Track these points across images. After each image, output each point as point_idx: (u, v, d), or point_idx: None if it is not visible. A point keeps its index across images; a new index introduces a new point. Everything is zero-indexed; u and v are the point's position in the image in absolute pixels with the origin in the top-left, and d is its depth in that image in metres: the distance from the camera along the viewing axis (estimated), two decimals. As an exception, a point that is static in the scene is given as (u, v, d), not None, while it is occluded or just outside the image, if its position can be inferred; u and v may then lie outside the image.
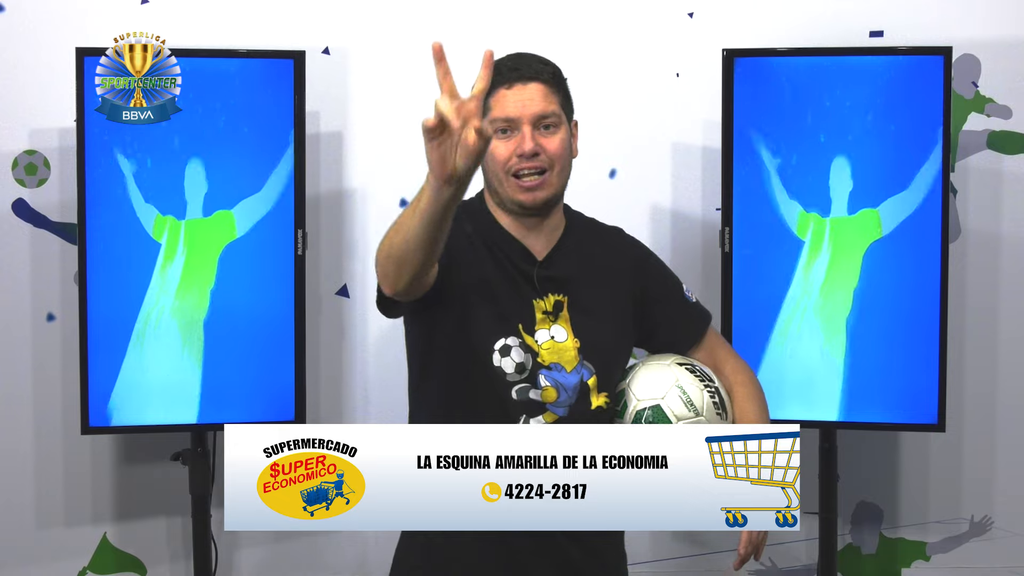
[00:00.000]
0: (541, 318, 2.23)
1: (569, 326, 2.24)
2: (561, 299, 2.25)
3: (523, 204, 2.22)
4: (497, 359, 2.20)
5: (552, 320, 2.24)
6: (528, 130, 2.19)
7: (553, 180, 2.22)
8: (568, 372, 2.22)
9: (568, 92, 2.29)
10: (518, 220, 2.26)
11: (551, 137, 2.21)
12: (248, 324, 3.11)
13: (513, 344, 2.21)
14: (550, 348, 2.22)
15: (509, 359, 2.20)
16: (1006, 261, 3.49)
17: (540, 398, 2.20)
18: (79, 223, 3.05)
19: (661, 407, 2.19)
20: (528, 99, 2.20)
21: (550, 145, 2.21)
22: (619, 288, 2.32)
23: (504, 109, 2.20)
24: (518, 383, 2.20)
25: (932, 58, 3.08)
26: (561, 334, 2.24)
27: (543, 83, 2.22)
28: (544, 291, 2.25)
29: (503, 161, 2.20)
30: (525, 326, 2.22)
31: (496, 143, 2.20)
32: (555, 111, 2.22)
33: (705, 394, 2.21)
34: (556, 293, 2.25)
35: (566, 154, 2.24)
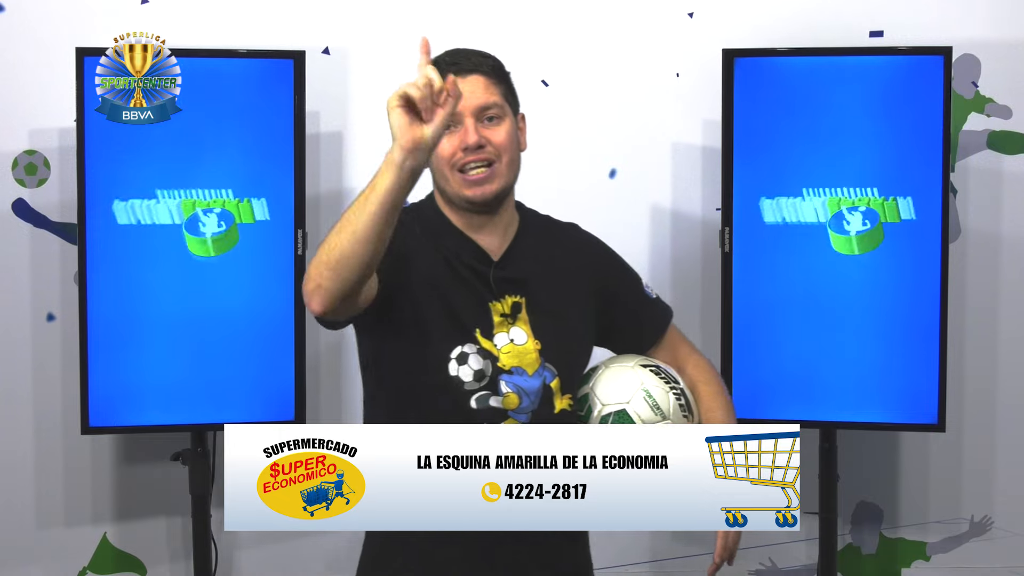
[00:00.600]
0: (499, 321, 2.16)
1: (529, 328, 2.17)
2: (519, 300, 2.18)
3: (471, 199, 2.14)
4: (454, 368, 2.12)
5: (511, 323, 2.16)
6: (471, 122, 2.12)
7: (502, 171, 2.14)
8: (530, 376, 2.15)
9: (511, 85, 2.22)
10: (469, 218, 2.18)
11: (496, 128, 2.14)
12: (248, 324, 3.11)
13: (471, 351, 2.13)
14: (510, 352, 2.15)
15: (467, 367, 2.12)
16: (1006, 261, 3.49)
17: (501, 405, 2.13)
18: (79, 223, 3.05)
19: (627, 411, 2.15)
20: (469, 91, 2.11)
21: (495, 136, 2.14)
22: (578, 287, 2.25)
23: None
24: (477, 391, 2.12)
25: (932, 58, 3.08)
26: (521, 336, 2.17)
27: (483, 75, 2.16)
28: (501, 293, 2.17)
29: (448, 157, 2.12)
30: (483, 330, 2.15)
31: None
32: (497, 102, 2.15)
33: (671, 396, 2.17)
34: (513, 294, 2.18)
35: (513, 146, 2.17)
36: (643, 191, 3.46)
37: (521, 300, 2.18)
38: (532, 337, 2.17)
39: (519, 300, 2.18)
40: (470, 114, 2.12)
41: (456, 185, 2.14)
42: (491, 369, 2.13)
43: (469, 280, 2.16)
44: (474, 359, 2.13)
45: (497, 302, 2.17)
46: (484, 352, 2.14)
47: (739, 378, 3.17)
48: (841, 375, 3.15)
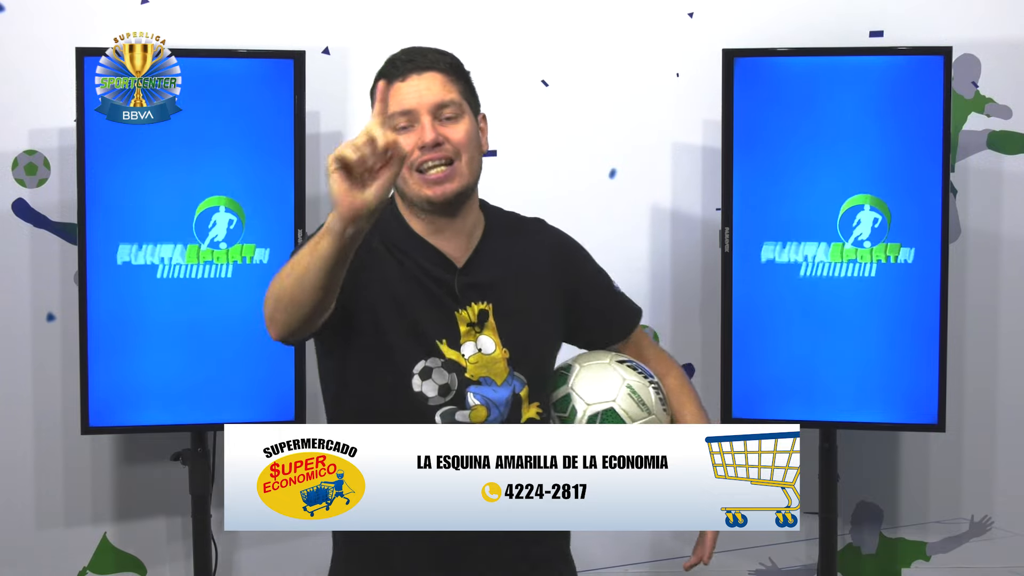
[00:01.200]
0: (466, 331, 2.09)
1: (496, 336, 2.11)
2: (486, 308, 2.11)
3: (431, 200, 2.06)
4: (417, 383, 2.06)
5: (478, 331, 2.09)
6: (428, 120, 2.05)
7: (462, 170, 2.06)
8: (499, 385, 2.10)
9: (471, 83, 2.15)
10: (431, 221, 2.10)
11: (453, 126, 2.07)
12: (248, 324, 3.11)
13: (434, 365, 2.07)
14: (478, 361, 2.09)
15: (431, 382, 2.06)
16: (1006, 261, 3.49)
17: (468, 419, 2.07)
18: (79, 223, 3.05)
19: (614, 409, 2.13)
20: (425, 88, 2.06)
21: (453, 134, 2.06)
22: (544, 286, 2.18)
23: (400, 102, 2.06)
24: (442, 406, 2.07)
25: (932, 58, 3.08)
26: (489, 345, 2.10)
27: (440, 72, 2.09)
28: (467, 300, 2.10)
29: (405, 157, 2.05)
30: (449, 341, 2.08)
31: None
32: (455, 99, 2.08)
33: (651, 391, 2.17)
34: (480, 301, 2.11)
35: (473, 144, 2.09)
36: (643, 191, 3.46)
37: (488, 307, 2.11)
38: (500, 345, 2.11)
39: (486, 307, 2.11)
40: (426, 112, 2.06)
41: (415, 186, 2.06)
42: (457, 382, 2.07)
43: (432, 290, 2.09)
44: (438, 373, 2.07)
45: (463, 311, 2.10)
46: (450, 364, 2.07)
47: (739, 378, 3.17)
48: (841, 375, 3.15)
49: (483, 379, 2.09)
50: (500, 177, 3.35)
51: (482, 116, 2.18)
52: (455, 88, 2.10)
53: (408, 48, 2.14)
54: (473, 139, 2.10)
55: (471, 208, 2.15)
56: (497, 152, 3.40)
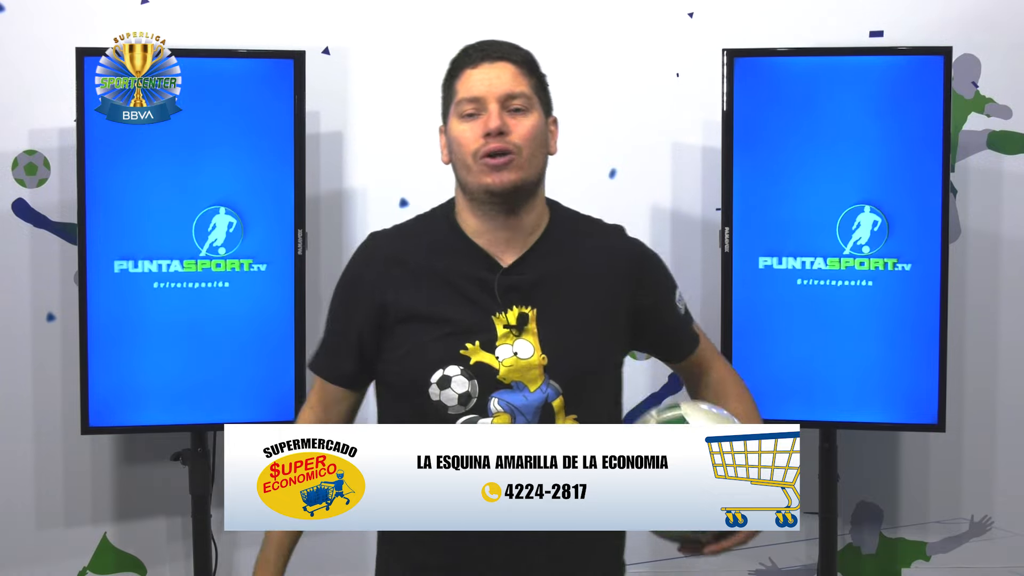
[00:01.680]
0: (503, 333, 2.03)
1: (536, 340, 2.04)
2: (527, 311, 2.05)
3: (490, 188, 2.01)
4: (435, 393, 2.02)
5: (516, 335, 2.03)
6: (495, 107, 2.02)
7: (522, 163, 2.03)
8: (532, 391, 2.03)
9: (544, 82, 2.13)
10: (489, 218, 2.06)
11: (520, 119, 2.04)
12: (248, 324, 3.11)
13: (453, 374, 2.02)
14: (512, 365, 2.03)
15: (449, 391, 2.02)
16: (1006, 261, 3.49)
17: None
18: (79, 223, 3.05)
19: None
20: (495, 77, 2.03)
21: (518, 127, 2.03)
22: (604, 295, 2.10)
23: (469, 89, 2.04)
24: (462, 415, 2.02)
25: (932, 58, 3.08)
26: (526, 350, 2.04)
27: (513, 63, 2.06)
28: (507, 303, 2.05)
29: (469, 145, 2.02)
30: (483, 343, 2.03)
31: (462, 127, 2.04)
32: (525, 92, 2.05)
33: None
34: (522, 304, 2.05)
35: (538, 140, 2.06)
36: (643, 191, 3.46)
37: (529, 311, 2.05)
38: (539, 351, 2.04)
39: (527, 311, 2.05)
40: (494, 100, 2.03)
41: (477, 174, 2.02)
42: (479, 390, 2.03)
43: (469, 292, 2.06)
44: (458, 382, 2.02)
45: (501, 313, 2.05)
46: (474, 369, 2.03)
47: (739, 378, 3.17)
48: (841, 375, 3.15)
49: (515, 383, 2.04)
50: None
51: (553, 119, 2.15)
52: (526, 82, 2.07)
53: (484, 39, 2.11)
54: (539, 135, 2.07)
55: (533, 207, 2.10)
56: (497, 152, 3.40)
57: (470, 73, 2.05)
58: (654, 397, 3.49)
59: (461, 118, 2.05)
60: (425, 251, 2.10)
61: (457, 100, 2.05)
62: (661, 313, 2.19)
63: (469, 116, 2.04)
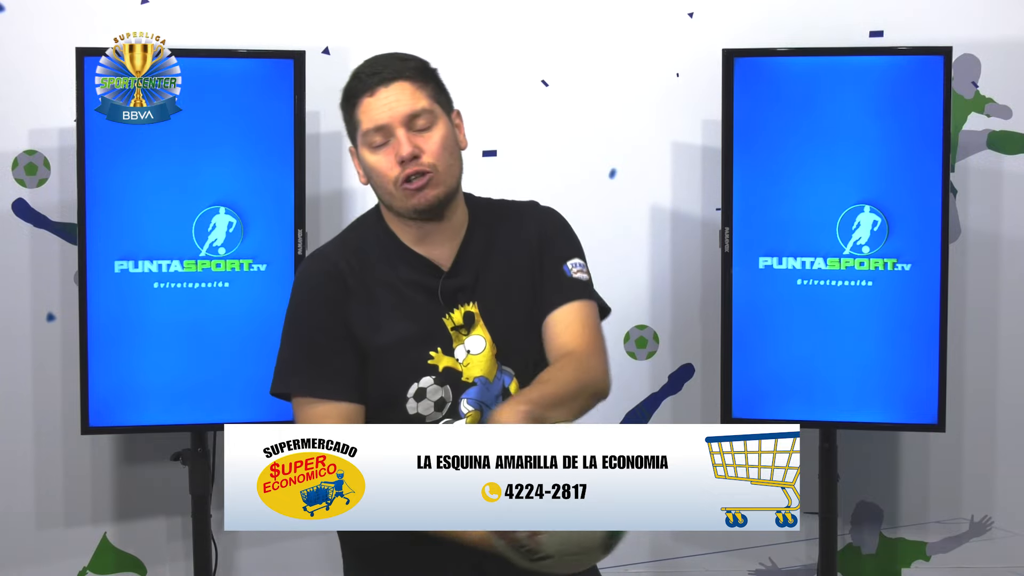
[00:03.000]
0: (454, 335, 2.08)
1: (486, 332, 2.09)
2: (471, 309, 2.09)
3: (416, 208, 2.05)
4: (413, 406, 2.07)
5: (465, 333, 2.08)
6: (402, 133, 2.03)
7: (440, 179, 2.05)
8: (491, 382, 2.08)
9: (440, 82, 2.11)
10: (419, 228, 2.09)
11: (428, 136, 2.05)
12: (248, 324, 3.11)
13: (427, 384, 2.07)
14: (470, 363, 2.08)
15: (426, 401, 2.07)
16: (1006, 261, 3.49)
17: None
18: (79, 223, 3.05)
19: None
20: (394, 100, 2.04)
21: (428, 144, 2.04)
22: (524, 271, 2.13)
23: (372, 118, 2.05)
24: (440, 420, 2.07)
25: (932, 58, 3.08)
26: (478, 344, 2.08)
27: (407, 80, 2.06)
28: (453, 304, 2.09)
29: (388, 174, 2.05)
30: (444, 348, 2.08)
31: (376, 158, 2.05)
32: (426, 107, 2.05)
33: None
34: (465, 302, 2.10)
35: (449, 149, 2.07)
36: (643, 191, 3.46)
37: (473, 307, 2.10)
38: (490, 342, 2.09)
39: (470, 308, 2.10)
40: (399, 124, 2.04)
41: (402, 199, 2.06)
42: (451, 392, 2.07)
43: (419, 301, 2.09)
44: (432, 390, 2.07)
45: (449, 315, 2.09)
46: (445, 375, 2.07)
47: (739, 378, 3.17)
48: (841, 375, 3.15)
49: (477, 379, 2.08)
50: (500, 177, 3.36)
51: (456, 112, 2.15)
52: (424, 94, 2.07)
53: (371, 59, 2.10)
54: (449, 143, 2.08)
55: (456, 208, 2.13)
56: (497, 152, 3.40)
57: (368, 102, 2.06)
58: (654, 397, 3.49)
59: (372, 149, 2.06)
60: (372, 263, 2.12)
61: (363, 131, 2.06)
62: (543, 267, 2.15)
63: (379, 146, 2.05)
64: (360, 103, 2.06)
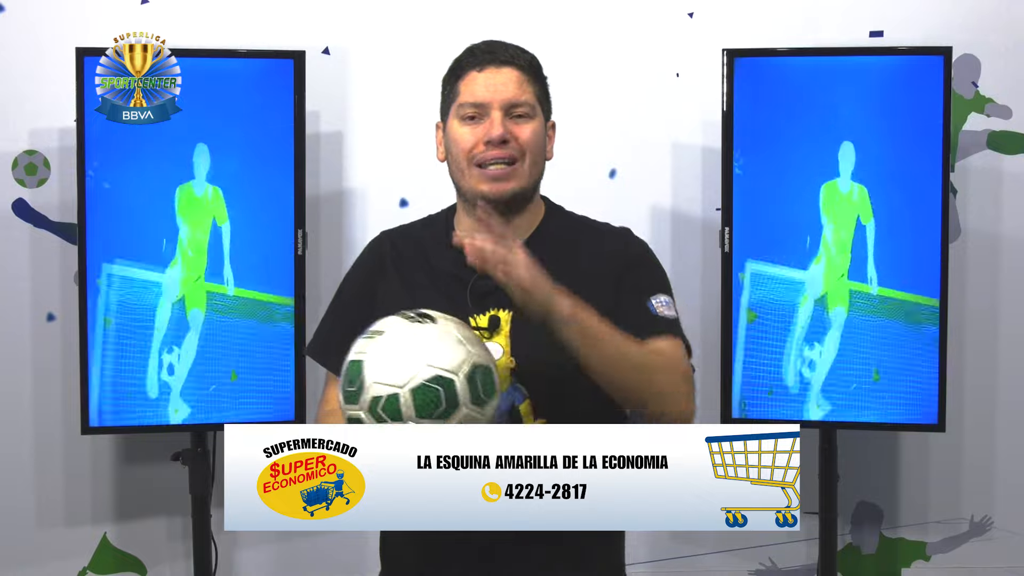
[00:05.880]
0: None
1: (507, 343, 2.01)
2: (499, 314, 2.02)
3: (486, 196, 1.99)
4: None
5: (487, 337, 2.00)
6: (498, 115, 2.00)
7: (523, 171, 2.01)
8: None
9: (546, 87, 2.12)
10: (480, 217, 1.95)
11: (523, 126, 2.02)
12: (248, 324, 3.11)
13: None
14: None
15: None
16: (1006, 261, 3.49)
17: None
18: (79, 223, 3.05)
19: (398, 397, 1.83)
20: (501, 83, 2.01)
21: (522, 133, 2.02)
22: (591, 296, 1.93)
23: (473, 93, 2.02)
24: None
25: (932, 58, 3.08)
26: (495, 352, 1.99)
27: (518, 69, 2.04)
28: (482, 306, 2.01)
29: (468, 149, 2.00)
30: None
31: (461, 129, 2.02)
32: (529, 100, 2.03)
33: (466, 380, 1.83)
34: (497, 307, 2.02)
35: (538, 147, 2.05)
36: (643, 191, 3.46)
37: (503, 313, 2.02)
38: (508, 354, 2.01)
39: (500, 313, 2.02)
40: (498, 107, 2.01)
41: (473, 181, 2.01)
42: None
43: (450, 295, 2.03)
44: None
45: (476, 316, 2.02)
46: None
47: (739, 378, 3.17)
48: (841, 375, 3.15)
49: None
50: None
51: (551, 124, 2.13)
52: (531, 89, 2.06)
53: (489, 40, 2.09)
54: (539, 142, 2.06)
55: (528, 210, 2.09)
56: (497, 152, 3.40)
57: (475, 76, 2.04)
58: (654, 397, 3.49)
59: (462, 120, 2.04)
60: (419, 252, 2.11)
61: (460, 102, 2.04)
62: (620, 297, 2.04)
63: (470, 119, 2.03)
64: (466, 75, 2.04)
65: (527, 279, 1.83)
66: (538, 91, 2.08)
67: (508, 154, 2.01)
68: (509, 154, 2.01)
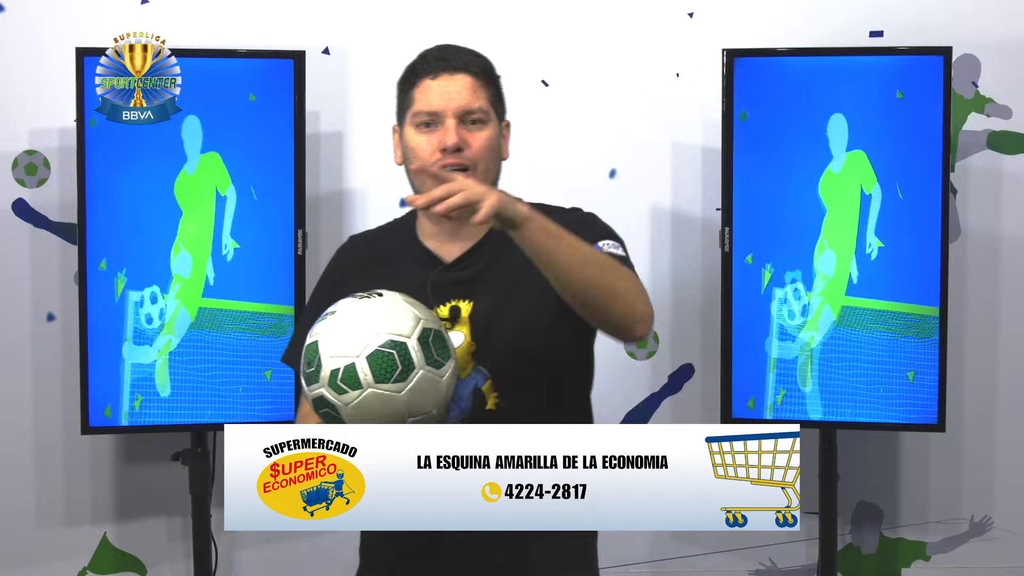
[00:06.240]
0: None
1: (467, 329, 2.05)
2: (460, 304, 2.06)
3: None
4: None
5: (448, 327, 2.03)
6: (452, 123, 2.03)
7: (478, 179, 2.02)
8: (463, 380, 2.03)
9: (500, 89, 2.14)
10: (436, 223, 2.09)
11: (477, 133, 2.05)
12: (248, 324, 3.11)
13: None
14: None
15: None
16: (1006, 261, 3.49)
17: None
18: (79, 223, 3.05)
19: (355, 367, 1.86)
20: (455, 91, 2.04)
21: (475, 141, 2.05)
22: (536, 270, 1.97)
23: (428, 101, 2.05)
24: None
25: (932, 58, 3.08)
26: (456, 340, 2.03)
27: (472, 75, 2.06)
28: (443, 298, 2.06)
29: (424, 157, 2.04)
30: None
31: (418, 139, 2.06)
32: (483, 106, 2.06)
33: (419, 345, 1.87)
34: (459, 298, 2.06)
35: (492, 154, 2.08)
36: (643, 191, 3.46)
37: (463, 304, 2.07)
38: (468, 338, 2.05)
39: (460, 304, 2.07)
40: (452, 115, 2.04)
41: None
42: None
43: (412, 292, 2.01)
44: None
45: (437, 308, 2.05)
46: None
47: (739, 378, 3.17)
48: (841, 375, 3.15)
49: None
50: (500, 177, 3.35)
51: (506, 123, 2.16)
52: (484, 94, 2.08)
53: (442, 45, 2.11)
54: (493, 147, 2.09)
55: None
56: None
57: (429, 84, 2.06)
58: (654, 397, 3.49)
59: (417, 128, 2.07)
60: (384, 254, 2.15)
61: (415, 110, 2.07)
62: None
63: (425, 127, 2.06)
64: (420, 83, 2.06)
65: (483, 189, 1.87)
66: (491, 95, 2.11)
67: (461, 163, 2.05)
68: (462, 163, 2.05)
